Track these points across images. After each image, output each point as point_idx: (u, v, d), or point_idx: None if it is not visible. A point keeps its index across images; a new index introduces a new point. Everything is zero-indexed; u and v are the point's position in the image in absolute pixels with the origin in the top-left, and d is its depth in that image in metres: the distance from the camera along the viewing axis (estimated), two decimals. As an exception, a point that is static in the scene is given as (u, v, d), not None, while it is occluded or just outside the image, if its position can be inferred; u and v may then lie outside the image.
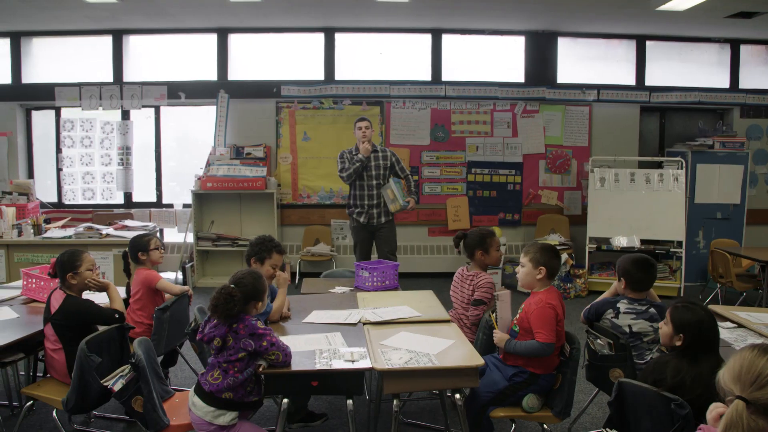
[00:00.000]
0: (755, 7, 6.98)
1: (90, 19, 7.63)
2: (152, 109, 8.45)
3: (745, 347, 1.88)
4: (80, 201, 8.42)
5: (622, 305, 3.49)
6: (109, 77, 8.32)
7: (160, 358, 3.79)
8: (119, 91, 8.19)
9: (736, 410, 1.73)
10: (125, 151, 8.32)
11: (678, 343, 2.68)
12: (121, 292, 4.38)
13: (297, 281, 7.66)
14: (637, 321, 3.40)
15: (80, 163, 8.34)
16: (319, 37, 8.37)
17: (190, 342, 3.77)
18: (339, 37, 8.38)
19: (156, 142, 8.52)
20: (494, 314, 3.71)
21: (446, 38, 8.46)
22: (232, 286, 2.87)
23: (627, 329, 3.40)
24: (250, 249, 3.79)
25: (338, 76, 8.38)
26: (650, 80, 8.75)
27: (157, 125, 8.50)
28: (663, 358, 2.81)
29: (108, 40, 8.30)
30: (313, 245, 8.20)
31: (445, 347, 3.14)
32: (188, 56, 8.42)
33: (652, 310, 3.41)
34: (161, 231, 8.27)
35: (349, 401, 2.95)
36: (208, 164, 7.95)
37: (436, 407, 4.19)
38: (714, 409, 1.92)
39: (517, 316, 3.35)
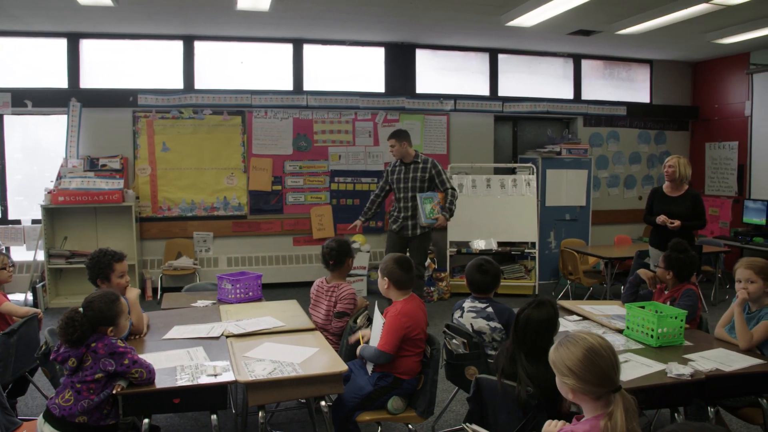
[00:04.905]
0: (592, 26, 7.56)
1: None
2: (-6, 118, 7.88)
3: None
4: None
5: (467, 304, 3.67)
6: (-57, 83, 7.69)
7: (7, 387, 3.58)
8: (-45, 99, 7.59)
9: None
10: (-36, 164, 7.72)
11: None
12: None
13: (159, 296, 7.42)
14: (477, 319, 3.57)
15: None
16: (178, 45, 8.15)
17: (41, 367, 3.58)
18: (199, 45, 8.20)
19: (-1, 153, 7.95)
20: (358, 321, 3.80)
21: (308, 48, 8.50)
22: (79, 309, 2.75)
23: (470, 327, 3.57)
24: (90, 273, 3.60)
25: (198, 86, 8.19)
26: (503, 91, 9.22)
27: (0, 135, 7.92)
28: (502, 346, 3.01)
29: (-59, 43, 7.68)
30: (176, 259, 7.96)
31: (309, 355, 3.17)
32: (36, 62, 7.90)
33: (489, 309, 3.57)
34: (7, 249, 7.74)
35: (213, 416, 2.91)
36: (60, 177, 7.52)
37: (305, 416, 4.21)
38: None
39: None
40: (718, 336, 3.48)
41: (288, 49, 8.46)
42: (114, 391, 2.68)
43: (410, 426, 3.44)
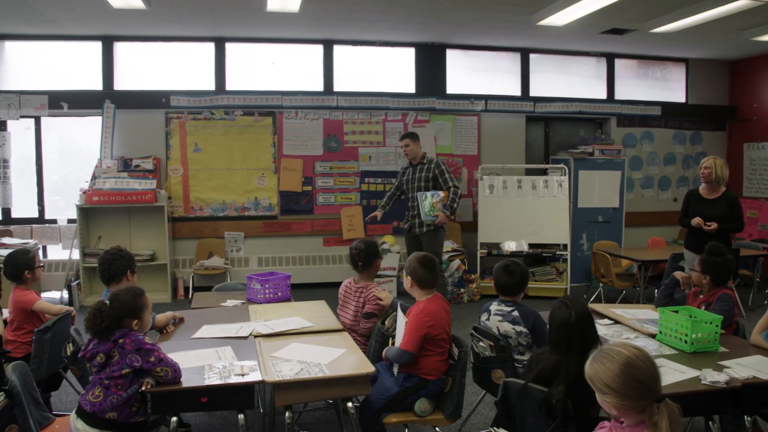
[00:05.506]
0: (626, 24, 7.44)
1: (-40, 24, 7.19)
2: (32, 120, 8.00)
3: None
4: (-47, 218, 7.90)
5: (493, 307, 3.62)
6: (-18, 86, 7.85)
7: (41, 383, 3.62)
8: (-6, 101, 7.74)
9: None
10: (2, 164, 7.84)
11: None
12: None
13: (190, 296, 7.49)
14: (503, 323, 3.53)
15: (-48, 177, 7.83)
16: (210, 47, 8.23)
17: (69, 367, 3.62)
18: (230, 47, 8.27)
19: (36, 154, 8.07)
20: (386, 322, 3.78)
21: (338, 49, 8.51)
22: (106, 301, 2.80)
23: (496, 331, 3.52)
24: (120, 264, 3.66)
25: (229, 87, 8.26)
26: (534, 91, 9.13)
27: (38, 137, 8.07)
28: (537, 351, 2.95)
29: (-19, 47, 7.84)
30: (207, 258, 8.04)
31: (336, 356, 3.18)
32: (71, 64, 8.04)
33: (515, 312, 3.51)
34: (44, 248, 7.89)
35: (241, 416, 2.93)
36: (94, 177, 7.64)
37: (332, 417, 4.21)
38: None
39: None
40: (755, 342, 3.39)
41: (318, 49, 8.48)
42: (143, 388, 2.71)
43: (437, 429, 3.42)
